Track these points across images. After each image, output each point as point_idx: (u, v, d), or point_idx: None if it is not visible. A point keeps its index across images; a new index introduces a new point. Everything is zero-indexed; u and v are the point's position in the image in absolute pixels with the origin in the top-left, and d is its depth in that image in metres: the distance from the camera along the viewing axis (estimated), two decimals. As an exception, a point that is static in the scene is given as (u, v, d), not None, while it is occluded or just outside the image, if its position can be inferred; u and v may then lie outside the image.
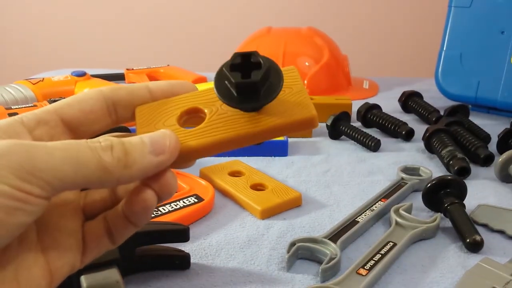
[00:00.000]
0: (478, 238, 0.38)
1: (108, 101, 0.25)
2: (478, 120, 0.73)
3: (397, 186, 0.49)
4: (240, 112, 0.26)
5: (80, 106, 0.24)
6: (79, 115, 0.24)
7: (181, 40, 1.91)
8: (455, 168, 0.52)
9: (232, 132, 0.25)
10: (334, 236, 0.39)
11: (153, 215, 0.41)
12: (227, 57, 0.25)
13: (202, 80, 0.97)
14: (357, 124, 0.70)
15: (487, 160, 0.56)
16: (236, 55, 0.25)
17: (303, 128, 0.26)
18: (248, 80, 0.24)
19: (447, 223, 0.42)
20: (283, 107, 0.26)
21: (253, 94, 0.25)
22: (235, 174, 0.52)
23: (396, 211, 0.42)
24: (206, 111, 0.27)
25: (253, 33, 1.00)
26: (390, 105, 0.82)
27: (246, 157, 0.58)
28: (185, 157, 0.25)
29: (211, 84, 0.66)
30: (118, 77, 0.99)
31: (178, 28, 1.90)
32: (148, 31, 1.91)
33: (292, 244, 0.37)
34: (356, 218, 0.42)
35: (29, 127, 0.23)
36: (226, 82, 0.25)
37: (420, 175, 0.51)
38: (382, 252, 0.36)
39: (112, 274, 0.30)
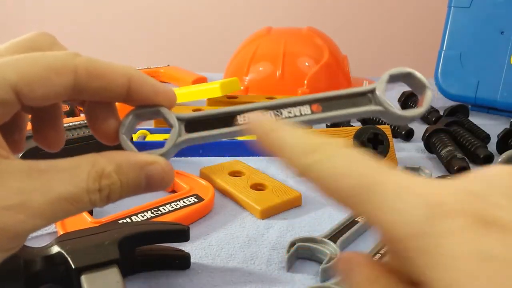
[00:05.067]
0: (477, 238, 0.38)
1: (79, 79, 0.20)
2: (478, 120, 0.73)
3: (397, 186, 0.49)
4: None
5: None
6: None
7: (181, 40, 1.91)
8: (455, 168, 0.52)
9: None
10: (334, 236, 0.39)
11: (153, 215, 0.41)
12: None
13: (203, 80, 0.96)
14: (357, 124, 0.70)
15: (486, 160, 0.56)
16: (371, 133, 0.53)
17: None
18: (376, 151, 0.53)
19: (447, 223, 0.42)
20: None
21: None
22: (235, 174, 0.52)
23: (396, 211, 0.42)
24: None
25: (253, 33, 1.01)
26: (390, 105, 0.82)
27: (246, 157, 0.58)
28: None
29: (211, 84, 0.70)
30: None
31: (178, 28, 1.90)
32: (148, 31, 1.92)
33: (292, 244, 0.37)
34: (356, 218, 0.42)
35: None
36: (361, 142, 0.52)
37: (419, 175, 0.51)
38: (382, 252, 0.36)
39: (112, 274, 0.30)
